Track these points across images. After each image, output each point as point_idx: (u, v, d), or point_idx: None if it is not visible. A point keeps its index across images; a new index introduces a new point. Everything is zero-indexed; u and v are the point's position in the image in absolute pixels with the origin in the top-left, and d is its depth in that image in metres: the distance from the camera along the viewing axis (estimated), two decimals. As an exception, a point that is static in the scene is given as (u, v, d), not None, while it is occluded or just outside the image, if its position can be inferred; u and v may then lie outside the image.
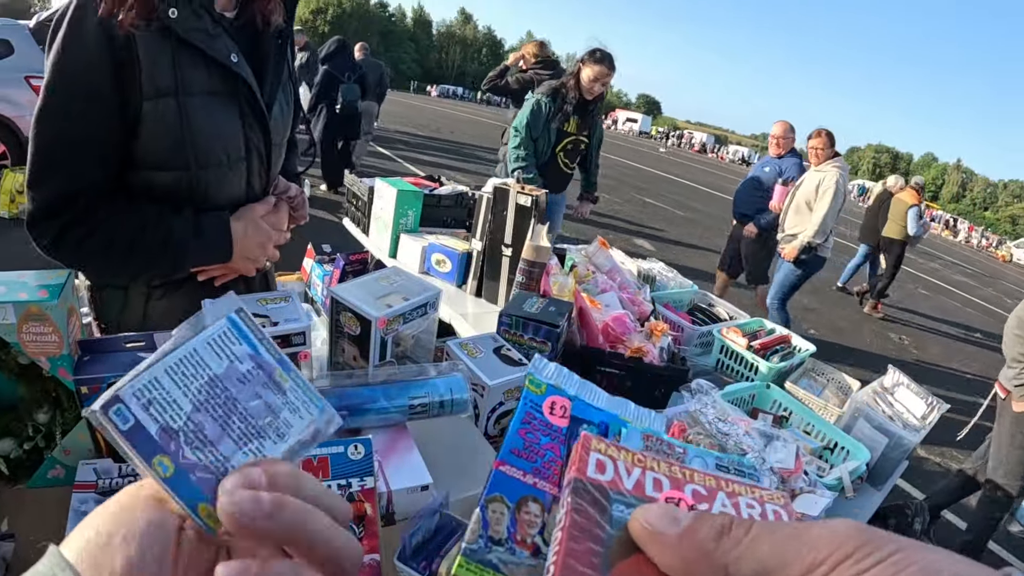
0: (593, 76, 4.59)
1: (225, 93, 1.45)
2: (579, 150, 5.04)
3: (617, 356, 1.96)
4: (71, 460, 1.10)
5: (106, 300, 1.58)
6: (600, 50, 4.62)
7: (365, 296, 1.36)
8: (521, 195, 2.29)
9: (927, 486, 5.01)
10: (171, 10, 1.30)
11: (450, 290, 2.60)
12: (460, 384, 1.20)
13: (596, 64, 4.58)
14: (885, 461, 2.11)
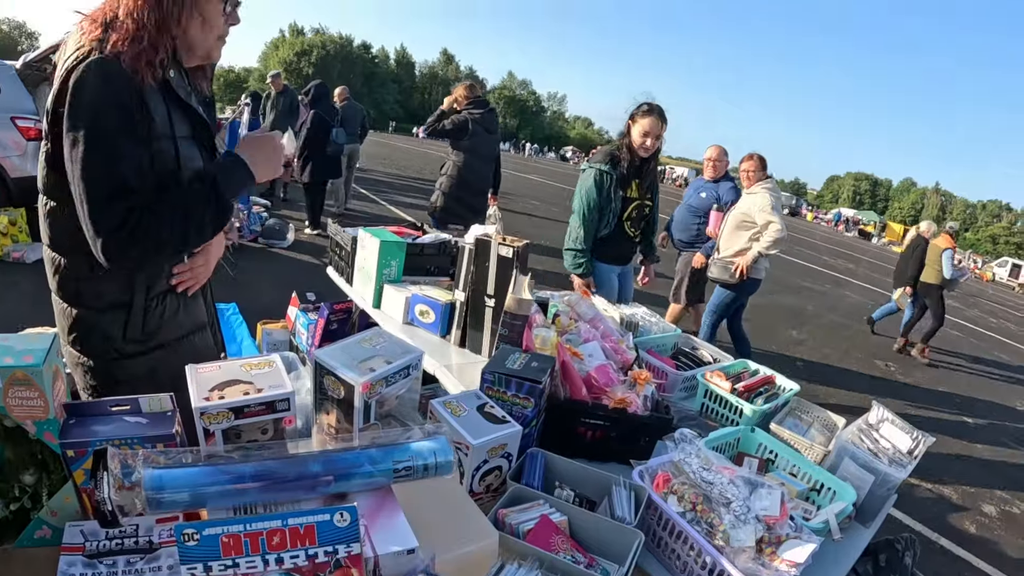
0: (644, 131, 4.17)
1: (195, 137, 1.82)
2: (644, 215, 4.57)
3: (601, 408, 1.97)
4: (58, 521, 1.12)
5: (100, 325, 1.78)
6: (647, 103, 4.23)
7: (348, 360, 1.37)
8: (503, 246, 2.30)
9: (920, 513, 5.03)
10: (170, 71, 1.68)
11: (434, 340, 2.59)
12: (444, 446, 1.21)
13: (645, 117, 4.17)
14: (873, 498, 2.12)
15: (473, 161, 6.56)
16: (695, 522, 1.58)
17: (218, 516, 1.00)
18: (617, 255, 4.56)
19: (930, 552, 4.56)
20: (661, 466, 1.76)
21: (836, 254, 28.32)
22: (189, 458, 1.04)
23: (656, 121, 4.15)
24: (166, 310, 1.85)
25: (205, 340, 2.03)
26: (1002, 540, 5.06)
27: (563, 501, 1.56)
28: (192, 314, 1.96)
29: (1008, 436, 7.48)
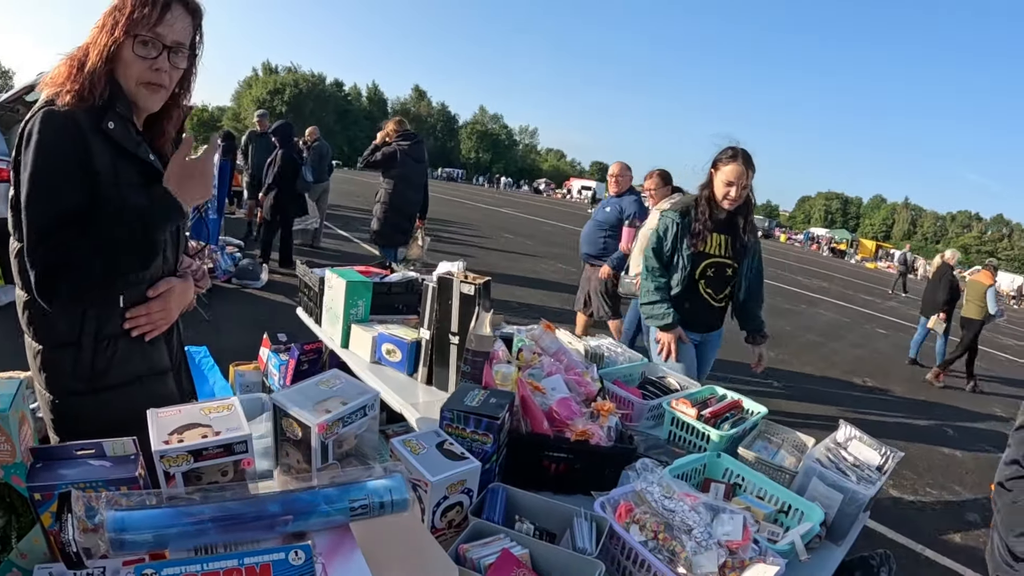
0: (727, 179, 3.67)
1: (146, 186, 1.83)
2: (726, 276, 3.94)
3: (563, 440, 2.00)
4: (27, 563, 1.14)
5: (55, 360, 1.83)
6: (731, 147, 3.74)
7: (304, 402, 1.40)
8: (464, 284, 2.33)
9: (904, 526, 5.05)
10: (109, 123, 1.73)
11: (401, 379, 2.61)
12: (400, 484, 1.24)
13: (728, 164, 3.67)
14: (843, 517, 2.14)
15: (403, 188, 7.37)
16: (657, 550, 1.61)
17: (179, 556, 1.03)
18: (692, 320, 3.94)
19: (916, 564, 4.59)
20: (623, 496, 1.79)
21: (810, 274, 28.58)
22: (151, 500, 1.06)
23: (740, 168, 3.66)
24: (118, 352, 1.87)
25: (165, 386, 2.03)
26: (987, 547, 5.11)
27: (523, 534, 1.58)
28: (149, 359, 1.97)
29: (988, 442, 7.56)
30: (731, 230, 3.84)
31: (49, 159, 1.66)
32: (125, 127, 1.80)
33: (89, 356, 1.83)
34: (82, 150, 1.69)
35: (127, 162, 1.80)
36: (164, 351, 2.05)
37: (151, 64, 1.79)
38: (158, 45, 1.79)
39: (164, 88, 1.86)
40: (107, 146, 1.74)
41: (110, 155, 1.75)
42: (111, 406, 1.86)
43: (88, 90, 1.72)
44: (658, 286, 3.85)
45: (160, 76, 1.82)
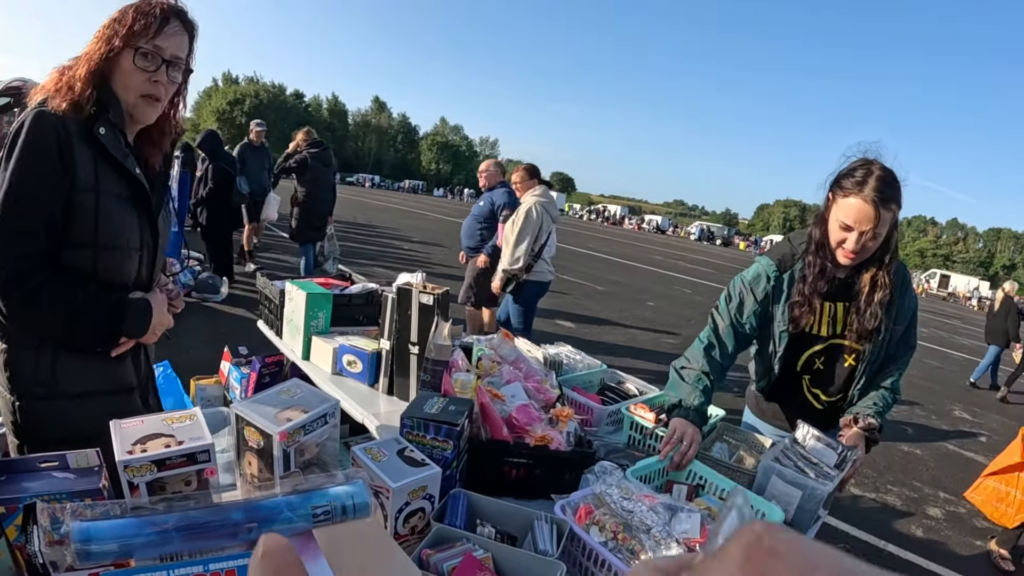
0: (843, 219, 2.35)
1: (129, 198, 1.90)
2: (841, 368, 2.64)
3: (523, 446, 2.03)
4: None
5: (18, 361, 1.86)
6: (865, 163, 2.36)
7: (266, 411, 1.42)
8: (423, 294, 2.36)
9: (866, 524, 5.14)
10: (100, 129, 1.78)
11: (363, 390, 2.62)
12: (361, 489, 1.26)
13: (849, 196, 2.32)
14: (803, 513, 2.17)
15: (315, 190, 8.57)
16: (616, 550, 1.64)
17: (145, 564, 1.04)
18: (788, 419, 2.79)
19: (879, 559, 4.66)
20: (583, 499, 1.82)
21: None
22: (116, 510, 1.08)
23: (867, 209, 2.28)
24: (81, 363, 1.92)
25: (130, 403, 2.04)
26: (950, 540, 5.22)
27: (485, 538, 1.61)
28: (114, 374, 2.00)
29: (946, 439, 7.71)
30: (851, 295, 2.53)
31: (32, 161, 1.71)
32: (115, 136, 1.84)
33: (49, 361, 1.87)
34: (68, 155, 1.73)
35: (111, 171, 1.85)
36: (130, 368, 2.07)
37: (150, 76, 1.85)
38: (157, 58, 1.85)
39: (160, 101, 1.92)
40: (92, 152, 1.79)
41: (94, 162, 1.79)
42: (71, 416, 1.90)
43: (81, 96, 1.77)
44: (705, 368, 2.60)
45: (158, 88, 1.88)
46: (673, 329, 12.01)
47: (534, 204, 6.00)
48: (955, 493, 6.08)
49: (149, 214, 1.98)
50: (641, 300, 15.15)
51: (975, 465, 6.76)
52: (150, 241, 2.00)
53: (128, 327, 1.93)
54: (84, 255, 1.84)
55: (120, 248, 1.89)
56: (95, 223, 1.81)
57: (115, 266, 1.90)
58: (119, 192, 1.87)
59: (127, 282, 1.97)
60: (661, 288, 18.31)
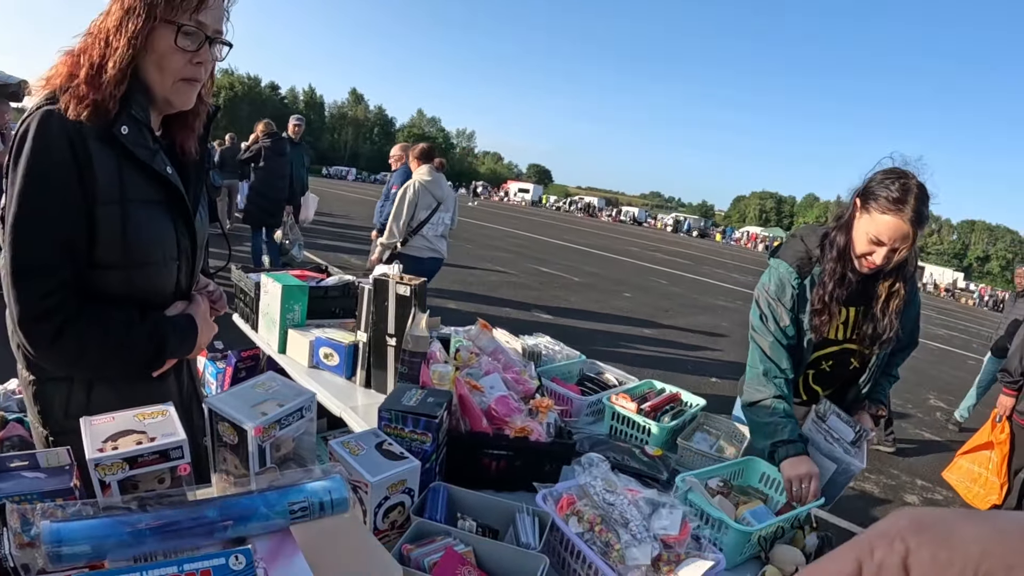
0: (875, 234, 2.30)
1: (161, 202, 1.67)
2: (847, 370, 2.70)
3: (502, 438, 2.02)
4: None
5: (49, 394, 1.68)
6: (902, 180, 2.27)
7: (240, 405, 1.39)
8: (400, 285, 2.34)
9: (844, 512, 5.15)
10: (123, 128, 1.52)
11: (340, 383, 2.61)
12: (339, 485, 1.24)
13: (885, 213, 2.26)
14: (832, 486, 2.23)
15: (268, 177, 8.96)
16: (592, 542, 1.63)
17: (118, 565, 1.02)
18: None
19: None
20: (567, 489, 1.81)
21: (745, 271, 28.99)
22: (88, 511, 1.05)
23: (903, 227, 2.24)
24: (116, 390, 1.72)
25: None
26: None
27: (466, 532, 1.59)
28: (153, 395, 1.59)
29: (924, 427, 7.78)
30: (865, 299, 2.52)
31: (42, 179, 1.48)
32: (140, 132, 1.59)
33: (84, 394, 1.68)
34: (85, 165, 1.50)
35: (137, 173, 1.60)
36: (173, 387, 1.89)
37: (193, 56, 1.61)
38: (200, 36, 1.60)
39: (200, 83, 1.69)
40: (114, 153, 1.55)
41: (116, 165, 1.55)
42: None
43: (109, 97, 1.52)
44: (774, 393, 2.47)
45: (199, 71, 1.65)
46: (651, 320, 12.04)
47: (413, 183, 6.41)
48: (932, 480, 6.15)
49: (186, 217, 1.75)
50: (618, 291, 15.16)
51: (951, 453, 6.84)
52: (188, 247, 1.78)
53: (173, 351, 1.74)
54: (114, 276, 1.62)
55: (155, 263, 1.68)
56: (123, 238, 1.58)
57: (150, 283, 1.70)
58: (149, 198, 1.63)
59: (165, 298, 1.78)
60: (638, 279, 18.34)
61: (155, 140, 1.65)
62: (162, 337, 1.69)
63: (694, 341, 10.78)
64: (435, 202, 6.46)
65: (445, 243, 6.82)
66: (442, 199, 6.54)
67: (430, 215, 6.43)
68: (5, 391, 3.57)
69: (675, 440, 2.56)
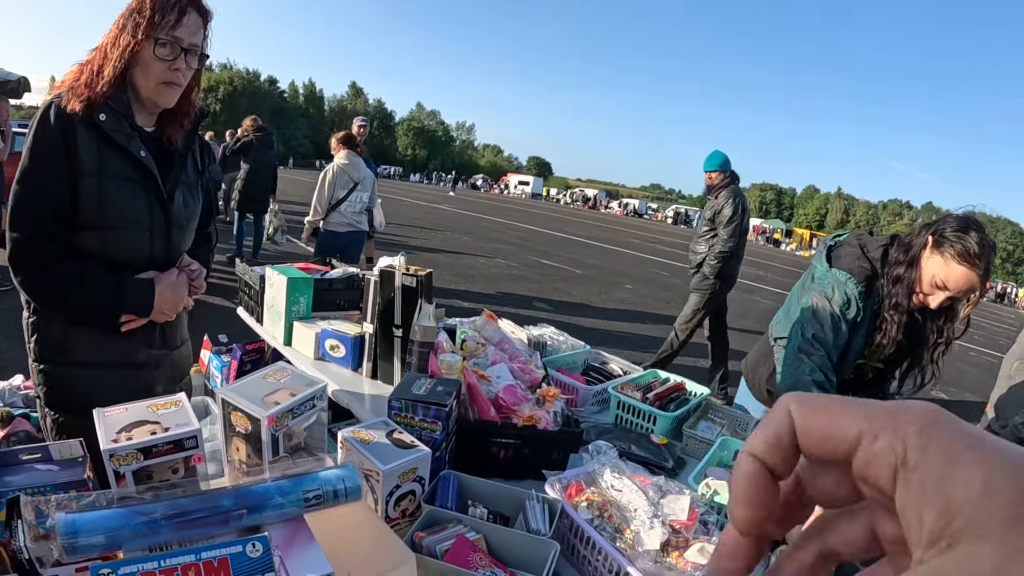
0: (942, 279, 2.30)
1: (137, 180, 2.00)
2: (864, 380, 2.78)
3: (510, 426, 2.03)
4: None
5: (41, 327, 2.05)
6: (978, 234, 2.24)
7: (253, 395, 1.39)
8: (406, 276, 2.34)
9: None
10: (100, 115, 1.88)
11: (346, 374, 2.61)
12: (352, 473, 1.25)
13: (961, 263, 2.24)
14: None
15: (257, 168, 9.82)
16: (601, 528, 1.64)
17: (134, 555, 1.02)
18: None
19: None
20: (576, 477, 1.82)
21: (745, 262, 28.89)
22: (102, 501, 1.05)
23: (971, 278, 2.25)
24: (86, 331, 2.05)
25: (132, 379, 2.13)
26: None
27: (477, 519, 1.60)
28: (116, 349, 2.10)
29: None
30: (911, 327, 2.50)
31: (40, 153, 1.88)
32: (118, 120, 1.94)
33: (63, 328, 2.03)
34: (71, 144, 1.88)
35: (115, 154, 1.95)
36: (141, 345, 2.16)
37: (170, 65, 1.95)
38: (176, 48, 1.95)
39: (179, 86, 2.03)
40: (95, 136, 1.91)
41: (97, 146, 1.91)
42: (85, 386, 2.05)
43: (99, 95, 1.90)
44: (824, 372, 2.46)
45: (177, 75, 1.98)
46: (652, 311, 12.03)
47: (332, 166, 7.17)
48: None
49: (159, 195, 2.05)
50: (620, 283, 15.16)
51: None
52: (161, 222, 2.08)
53: (130, 305, 2.04)
54: (90, 236, 1.96)
55: (126, 228, 2.00)
56: (98, 204, 1.92)
57: (122, 246, 2.01)
58: (125, 174, 1.97)
59: (137, 262, 2.07)
60: (639, 271, 18.32)
61: (133, 128, 1.99)
62: (120, 289, 2.00)
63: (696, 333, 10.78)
64: (352, 182, 7.18)
65: (365, 218, 7.54)
66: (359, 180, 7.23)
67: (347, 194, 7.16)
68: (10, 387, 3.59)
69: (680, 428, 2.56)
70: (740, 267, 7.10)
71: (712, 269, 6.71)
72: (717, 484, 2.00)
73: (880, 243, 2.51)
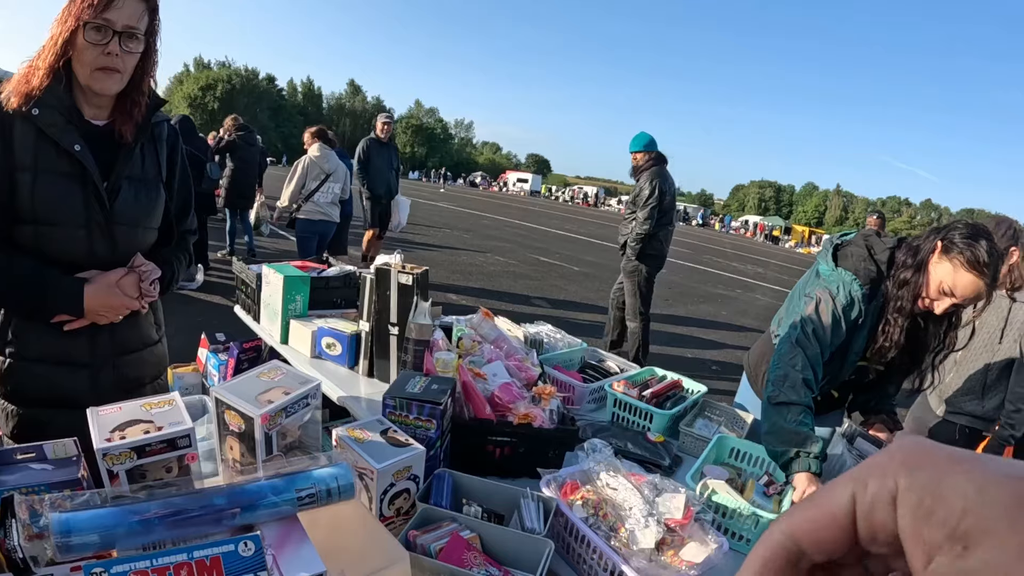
0: (949, 286, 2.28)
1: (71, 174, 1.91)
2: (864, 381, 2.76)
3: (506, 424, 2.03)
4: None
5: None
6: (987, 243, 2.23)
7: (246, 393, 1.40)
8: (402, 274, 2.34)
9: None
10: (34, 110, 1.83)
11: (342, 373, 2.61)
12: (345, 471, 1.25)
13: (970, 271, 2.23)
14: None
15: (242, 165, 10.03)
16: (596, 527, 1.64)
17: (127, 554, 1.02)
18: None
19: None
20: (571, 475, 1.83)
21: (744, 260, 28.97)
22: (96, 500, 1.06)
23: (979, 286, 2.24)
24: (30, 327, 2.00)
25: (71, 378, 2.05)
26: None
27: (472, 518, 1.60)
28: (57, 347, 2.02)
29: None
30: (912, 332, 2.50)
31: None
32: (52, 113, 1.86)
33: (10, 321, 1.99)
34: (7, 138, 1.83)
35: (51, 149, 1.88)
36: (84, 345, 2.07)
37: (103, 49, 1.84)
38: (108, 31, 1.83)
39: (119, 72, 1.91)
40: (31, 130, 1.85)
41: (33, 141, 1.86)
42: (32, 380, 2.01)
43: (34, 89, 1.84)
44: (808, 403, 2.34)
45: (112, 60, 1.87)
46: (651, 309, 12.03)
47: (305, 159, 7.70)
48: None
49: (97, 190, 1.96)
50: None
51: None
52: (101, 219, 1.98)
53: (55, 304, 1.95)
54: (26, 231, 1.90)
55: (59, 225, 1.92)
56: (31, 200, 1.86)
57: (56, 243, 1.93)
58: (61, 170, 1.90)
59: (76, 259, 1.98)
60: (638, 268, 18.30)
61: (71, 122, 1.91)
62: (43, 287, 1.91)
63: (694, 329, 10.79)
64: (324, 174, 7.66)
65: (337, 209, 7.99)
66: (331, 171, 7.71)
67: (319, 185, 7.64)
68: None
69: (677, 427, 2.56)
70: (668, 248, 7.14)
71: (632, 251, 6.85)
72: (714, 483, 2.01)
73: (887, 245, 2.50)
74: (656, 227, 6.72)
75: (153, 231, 2.17)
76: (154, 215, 2.15)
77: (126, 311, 2.08)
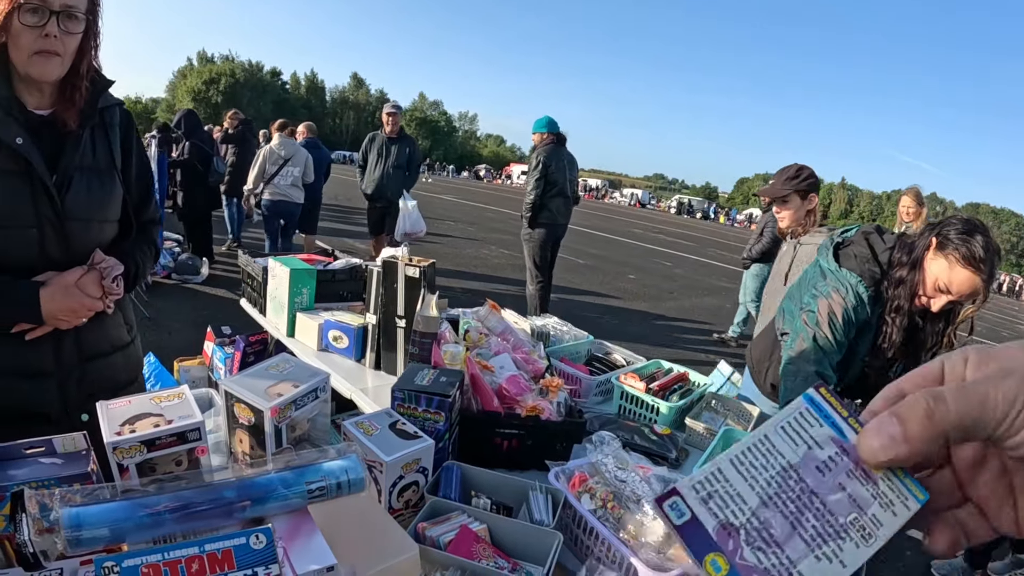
0: (945, 283, 2.28)
1: (15, 171, 1.75)
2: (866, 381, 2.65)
3: (514, 417, 2.02)
4: None
5: None
6: (983, 238, 2.23)
7: (256, 386, 1.40)
8: (409, 267, 2.34)
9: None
10: None
11: (349, 365, 2.61)
12: (355, 464, 1.25)
13: (966, 267, 2.22)
14: None
15: (244, 154, 10.28)
16: (605, 519, 1.64)
17: (138, 548, 1.02)
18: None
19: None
20: (579, 467, 1.82)
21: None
22: (106, 494, 1.05)
23: (975, 282, 2.24)
24: None
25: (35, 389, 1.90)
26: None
27: (481, 510, 1.60)
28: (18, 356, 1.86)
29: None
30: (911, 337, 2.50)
31: None
32: None
33: None
34: None
35: None
36: (48, 354, 1.92)
37: (40, 31, 1.71)
38: (44, 12, 1.70)
39: (58, 55, 1.77)
40: None
41: None
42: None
43: None
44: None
45: (50, 42, 1.73)
46: (655, 301, 12.03)
47: (264, 147, 8.77)
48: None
49: (45, 186, 1.80)
50: (623, 273, 15.14)
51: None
52: (51, 216, 1.82)
53: (10, 312, 1.80)
54: None
55: (9, 226, 1.77)
56: None
57: (6, 245, 1.78)
58: (4, 167, 1.74)
59: (28, 262, 1.82)
60: (642, 261, 18.30)
61: (9, 113, 1.76)
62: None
63: (699, 322, 10.78)
64: (282, 160, 8.58)
65: (298, 191, 8.85)
66: (288, 157, 8.62)
67: (278, 169, 8.55)
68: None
69: (683, 419, 2.56)
70: (560, 217, 7.74)
71: (525, 219, 7.65)
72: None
73: (889, 244, 2.48)
74: (545, 198, 7.41)
75: (111, 224, 2.03)
76: (110, 207, 2.00)
77: (90, 313, 1.92)
